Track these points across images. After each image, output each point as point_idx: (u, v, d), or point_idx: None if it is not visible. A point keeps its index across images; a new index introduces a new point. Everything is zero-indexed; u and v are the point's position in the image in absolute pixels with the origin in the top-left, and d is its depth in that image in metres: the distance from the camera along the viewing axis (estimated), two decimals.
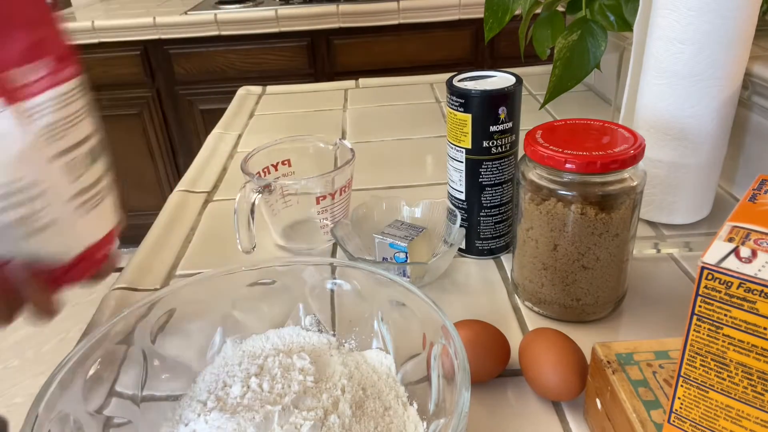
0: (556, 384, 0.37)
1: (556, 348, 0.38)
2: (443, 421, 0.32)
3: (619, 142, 0.42)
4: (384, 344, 0.41)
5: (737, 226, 0.26)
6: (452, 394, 0.32)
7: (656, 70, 0.53)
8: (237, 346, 0.41)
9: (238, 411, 0.34)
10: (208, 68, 1.95)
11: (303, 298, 0.43)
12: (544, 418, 0.39)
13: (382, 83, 1.13)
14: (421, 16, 1.86)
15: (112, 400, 0.35)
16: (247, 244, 0.54)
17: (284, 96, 1.11)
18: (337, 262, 0.43)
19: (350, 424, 0.34)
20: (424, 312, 0.36)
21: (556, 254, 0.44)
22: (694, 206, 0.57)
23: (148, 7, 2.06)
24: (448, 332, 0.33)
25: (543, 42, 0.81)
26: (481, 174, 0.52)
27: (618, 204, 0.42)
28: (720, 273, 0.24)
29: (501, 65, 1.87)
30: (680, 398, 0.28)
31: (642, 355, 0.35)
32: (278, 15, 1.83)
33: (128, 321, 0.37)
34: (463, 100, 0.49)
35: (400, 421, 0.35)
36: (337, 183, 0.56)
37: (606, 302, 0.46)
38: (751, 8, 0.48)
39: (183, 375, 0.39)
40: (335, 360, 0.39)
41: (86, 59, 1.94)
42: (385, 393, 0.37)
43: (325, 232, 0.59)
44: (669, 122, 0.53)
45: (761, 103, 0.59)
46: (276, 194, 0.55)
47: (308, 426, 0.33)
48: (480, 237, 0.55)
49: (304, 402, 0.35)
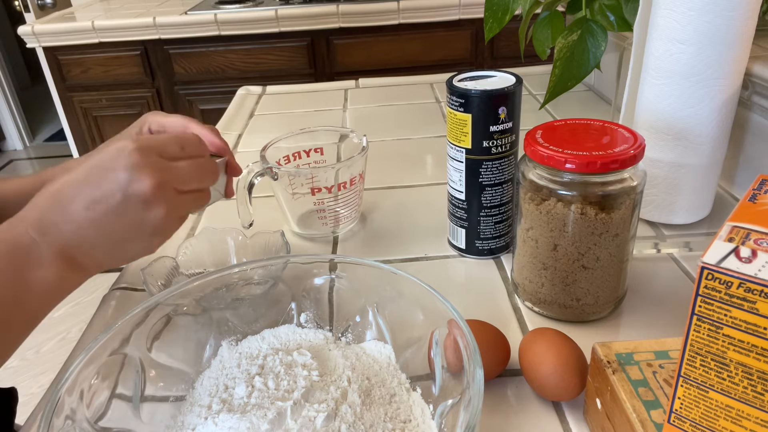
0: (556, 384, 0.37)
1: (556, 348, 0.38)
2: (451, 402, 0.33)
3: (619, 142, 0.42)
4: (381, 334, 0.41)
5: (737, 226, 0.26)
6: (457, 377, 0.33)
7: (656, 70, 0.53)
8: (233, 349, 0.42)
9: (248, 410, 0.34)
10: (208, 68, 1.95)
11: (296, 296, 0.44)
12: (544, 418, 0.39)
13: (382, 83, 1.13)
14: (421, 16, 1.86)
15: (110, 410, 0.35)
16: (245, 220, 0.57)
17: (284, 96, 1.11)
18: (329, 257, 0.43)
19: (362, 413, 0.34)
20: (422, 298, 0.37)
21: (556, 254, 0.44)
22: (694, 206, 0.57)
23: (148, 7, 2.06)
24: (450, 314, 0.34)
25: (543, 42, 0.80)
26: (481, 174, 0.52)
27: (618, 204, 0.42)
28: (720, 273, 0.24)
29: (501, 65, 1.87)
30: (680, 398, 0.28)
31: (642, 355, 0.35)
32: (278, 15, 1.83)
33: (125, 329, 0.37)
34: (463, 100, 0.49)
35: (407, 406, 0.36)
36: (342, 176, 0.57)
37: (606, 302, 0.46)
38: (751, 8, 0.48)
39: (180, 381, 0.39)
40: (335, 354, 0.40)
41: (86, 59, 1.95)
42: (389, 381, 0.38)
43: (324, 224, 0.60)
44: (669, 122, 0.53)
45: (761, 103, 0.59)
46: (283, 181, 0.57)
47: (322, 417, 0.33)
48: (480, 237, 0.55)
49: (314, 395, 0.35)
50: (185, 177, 0.42)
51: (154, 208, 0.39)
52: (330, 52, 1.94)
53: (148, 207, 0.39)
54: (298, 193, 0.58)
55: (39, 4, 2.31)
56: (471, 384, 0.30)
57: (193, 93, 2.00)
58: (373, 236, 0.62)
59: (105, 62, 1.95)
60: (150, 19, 1.85)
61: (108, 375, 0.35)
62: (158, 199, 0.39)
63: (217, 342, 0.42)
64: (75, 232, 0.39)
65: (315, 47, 1.92)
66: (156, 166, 0.39)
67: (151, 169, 0.39)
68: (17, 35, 1.95)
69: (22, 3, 2.26)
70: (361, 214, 0.65)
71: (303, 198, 0.58)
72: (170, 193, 0.40)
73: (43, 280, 0.38)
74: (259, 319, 0.43)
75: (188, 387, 0.39)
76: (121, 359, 0.36)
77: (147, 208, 0.39)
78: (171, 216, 0.41)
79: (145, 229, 0.40)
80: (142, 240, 0.41)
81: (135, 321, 0.37)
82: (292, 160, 0.62)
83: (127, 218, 0.39)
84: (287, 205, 0.60)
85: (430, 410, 0.36)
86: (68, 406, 0.31)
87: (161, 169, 0.40)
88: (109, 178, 0.38)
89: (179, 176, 0.41)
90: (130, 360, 0.37)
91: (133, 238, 0.40)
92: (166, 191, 0.40)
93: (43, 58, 1.98)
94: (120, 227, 0.39)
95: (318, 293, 0.43)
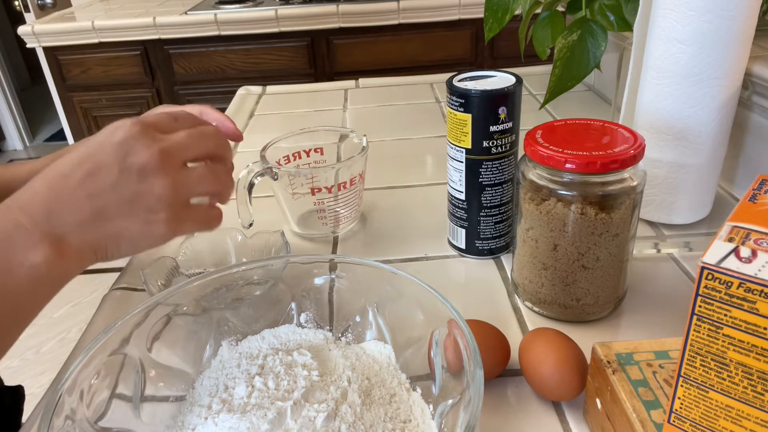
0: (556, 384, 0.37)
1: (556, 348, 0.38)
2: (451, 402, 0.33)
3: (619, 142, 0.42)
4: (381, 334, 0.41)
5: (737, 226, 0.26)
6: (457, 377, 0.33)
7: (656, 70, 0.53)
8: (233, 349, 0.42)
9: (248, 410, 0.34)
10: (208, 68, 1.95)
11: (296, 296, 0.44)
12: (544, 418, 0.39)
13: (382, 83, 1.13)
14: (421, 16, 1.86)
15: (110, 410, 0.35)
16: (245, 220, 0.57)
17: (284, 96, 1.11)
18: (329, 257, 0.43)
19: (362, 413, 0.34)
20: (422, 298, 0.37)
21: (556, 254, 0.44)
22: (694, 206, 0.57)
23: (148, 7, 2.06)
24: (450, 314, 0.34)
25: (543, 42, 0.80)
26: (481, 174, 0.52)
27: (618, 204, 0.42)
28: (720, 273, 0.24)
29: (501, 65, 1.87)
30: (680, 398, 0.28)
31: (642, 355, 0.35)
32: (278, 15, 1.83)
33: (125, 329, 0.37)
34: (463, 100, 0.49)
35: (407, 406, 0.36)
36: (342, 176, 0.57)
37: (606, 302, 0.46)
38: (751, 8, 0.48)
39: (180, 381, 0.39)
40: (335, 354, 0.40)
41: (86, 59, 1.95)
42: (389, 381, 0.38)
43: (324, 224, 0.60)
44: (669, 122, 0.53)
45: (761, 103, 0.59)
46: (283, 181, 0.57)
47: (322, 417, 0.33)
48: (480, 237, 0.55)
49: (314, 395, 0.35)
50: (183, 144, 0.39)
51: (152, 180, 0.37)
52: (330, 52, 1.94)
53: (145, 178, 0.37)
54: (298, 193, 0.58)
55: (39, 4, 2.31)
56: (471, 384, 0.30)
57: (193, 93, 2.00)
58: (373, 236, 0.62)
59: (105, 62, 1.95)
60: (150, 19, 1.85)
61: (108, 375, 0.35)
62: (158, 169, 0.37)
63: (217, 342, 0.42)
64: (66, 207, 0.36)
65: (315, 47, 1.92)
66: (153, 137, 0.38)
67: (147, 139, 0.37)
68: (17, 35, 1.95)
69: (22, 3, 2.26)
70: (361, 214, 0.65)
71: (303, 198, 0.58)
72: (171, 165, 0.38)
73: (29, 264, 0.35)
74: (259, 319, 0.43)
75: (188, 387, 0.39)
76: (121, 359, 0.36)
77: (143, 180, 0.37)
78: (175, 190, 0.38)
79: (141, 203, 0.37)
80: (139, 218, 0.38)
81: (135, 321, 0.37)
82: (292, 160, 0.62)
83: (124, 191, 0.37)
84: (287, 205, 0.60)
85: (430, 410, 0.36)
86: (68, 406, 0.31)
87: (158, 139, 0.38)
88: (106, 150, 0.37)
89: (177, 144, 0.39)
90: (130, 360, 0.37)
91: (130, 214, 0.37)
92: (167, 163, 0.38)
93: (43, 58, 1.98)
94: (115, 201, 0.37)
95: (318, 293, 0.43)
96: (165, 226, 0.39)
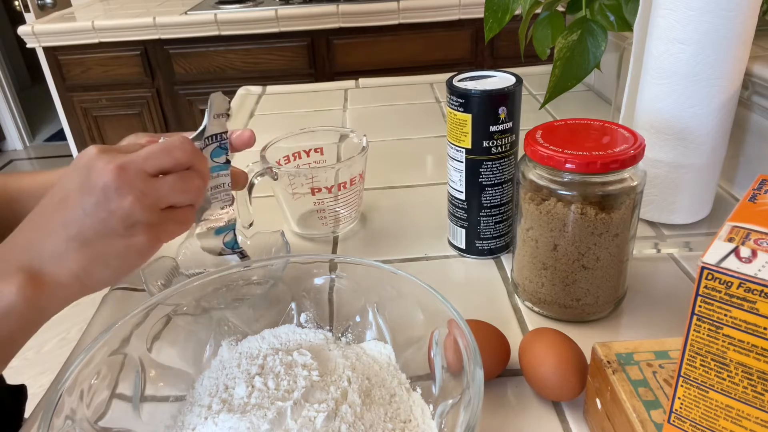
0: (556, 384, 0.37)
1: (556, 348, 0.38)
2: (451, 402, 0.33)
3: (619, 142, 0.42)
4: (381, 334, 0.41)
5: (737, 226, 0.26)
6: (457, 377, 0.33)
7: (656, 70, 0.53)
8: (233, 349, 0.42)
9: (248, 410, 0.34)
10: (208, 68, 1.95)
11: (296, 296, 0.44)
12: (544, 418, 0.39)
13: (382, 83, 1.13)
14: (421, 16, 1.86)
15: (110, 410, 0.35)
16: (245, 220, 0.57)
17: (284, 96, 1.11)
18: (329, 257, 0.43)
19: (362, 413, 0.34)
20: (422, 298, 0.37)
21: (556, 254, 0.44)
22: (694, 206, 0.57)
23: (148, 7, 2.06)
24: (450, 314, 0.34)
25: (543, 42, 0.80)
26: (481, 174, 0.52)
27: (618, 204, 0.42)
28: (720, 273, 0.24)
29: (501, 65, 1.87)
30: (680, 398, 0.28)
31: (642, 355, 0.35)
32: (278, 15, 1.83)
33: (125, 329, 0.37)
34: (463, 100, 0.49)
35: (407, 406, 0.36)
36: (342, 176, 0.57)
37: (606, 302, 0.46)
38: (751, 8, 0.48)
39: (180, 381, 0.39)
40: (335, 354, 0.40)
41: (86, 59, 1.95)
42: (389, 381, 0.38)
43: (324, 224, 0.60)
44: (669, 122, 0.53)
45: (761, 103, 0.59)
46: (283, 181, 0.57)
47: (322, 418, 0.33)
48: (480, 237, 0.55)
49: (314, 395, 0.35)
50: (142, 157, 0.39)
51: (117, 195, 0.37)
52: (330, 52, 1.94)
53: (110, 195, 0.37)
54: (298, 193, 0.58)
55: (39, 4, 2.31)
56: (471, 384, 0.30)
57: (193, 93, 2.00)
58: (373, 236, 0.62)
59: (105, 62, 1.95)
60: (150, 19, 1.85)
61: (108, 375, 0.35)
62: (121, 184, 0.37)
63: (217, 342, 0.42)
64: (42, 239, 0.37)
65: (315, 47, 1.92)
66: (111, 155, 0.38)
67: (106, 157, 0.38)
68: (17, 35, 1.95)
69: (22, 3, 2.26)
70: (361, 214, 0.65)
71: (303, 198, 0.58)
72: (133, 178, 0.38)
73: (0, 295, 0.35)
74: (259, 319, 0.43)
75: (188, 387, 0.39)
76: (121, 359, 0.36)
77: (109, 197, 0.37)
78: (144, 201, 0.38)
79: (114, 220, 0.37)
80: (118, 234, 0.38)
81: (135, 321, 0.37)
82: (292, 160, 0.62)
83: (94, 212, 0.37)
84: (287, 205, 0.60)
85: (430, 410, 0.36)
86: (68, 406, 0.31)
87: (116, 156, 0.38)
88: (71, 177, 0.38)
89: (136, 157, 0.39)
90: (130, 360, 0.37)
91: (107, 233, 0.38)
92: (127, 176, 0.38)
93: (43, 58, 1.98)
94: (88, 223, 0.37)
95: (318, 293, 0.43)
96: (145, 236, 0.39)
